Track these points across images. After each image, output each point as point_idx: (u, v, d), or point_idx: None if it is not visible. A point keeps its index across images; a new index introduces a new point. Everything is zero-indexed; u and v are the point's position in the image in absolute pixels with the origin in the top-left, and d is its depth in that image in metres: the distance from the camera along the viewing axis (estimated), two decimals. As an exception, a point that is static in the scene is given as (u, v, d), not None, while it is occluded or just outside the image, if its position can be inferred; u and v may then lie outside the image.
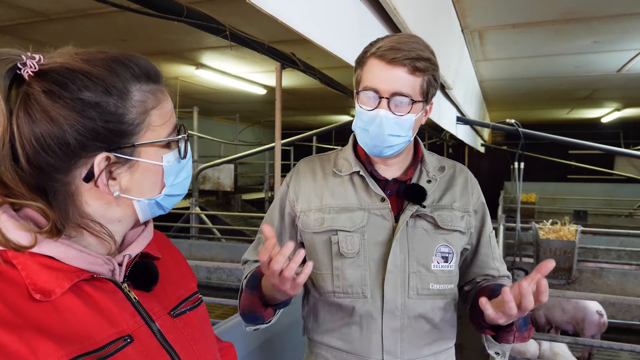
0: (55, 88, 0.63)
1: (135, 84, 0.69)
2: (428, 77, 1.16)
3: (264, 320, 1.25)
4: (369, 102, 1.17)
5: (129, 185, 0.70)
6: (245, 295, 1.24)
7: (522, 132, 5.24)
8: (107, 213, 0.71)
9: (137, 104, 0.68)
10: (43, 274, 0.63)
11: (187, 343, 0.78)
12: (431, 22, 2.84)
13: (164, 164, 0.72)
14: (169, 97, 0.74)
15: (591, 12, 3.72)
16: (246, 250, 1.43)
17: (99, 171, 0.66)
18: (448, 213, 1.26)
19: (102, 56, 0.68)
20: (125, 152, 0.68)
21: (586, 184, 12.14)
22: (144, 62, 0.71)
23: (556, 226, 5.67)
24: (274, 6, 1.24)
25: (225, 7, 3.59)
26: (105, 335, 0.65)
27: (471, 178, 1.36)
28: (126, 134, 0.68)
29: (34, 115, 0.62)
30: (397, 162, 1.29)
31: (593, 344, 2.74)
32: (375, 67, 1.15)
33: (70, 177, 0.67)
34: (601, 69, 5.91)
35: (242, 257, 1.42)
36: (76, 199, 0.68)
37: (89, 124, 0.64)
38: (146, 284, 0.76)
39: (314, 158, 1.39)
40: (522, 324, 1.17)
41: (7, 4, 3.79)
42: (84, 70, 0.65)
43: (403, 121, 1.16)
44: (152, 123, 0.70)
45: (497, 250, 1.36)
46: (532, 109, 10.47)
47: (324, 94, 7.53)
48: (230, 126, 11.34)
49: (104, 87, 0.65)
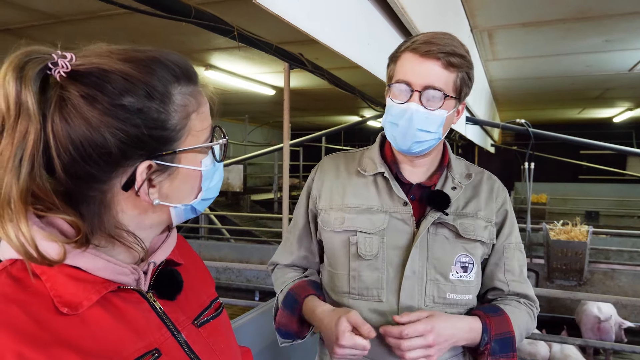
0: (94, 92, 0.58)
1: (176, 86, 0.64)
2: (462, 75, 1.14)
3: (300, 336, 1.28)
4: (401, 95, 1.14)
5: (168, 192, 0.66)
6: (283, 314, 1.26)
7: (533, 132, 5.20)
8: (142, 221, 0.67)
9: (178, 108, 0.64)
10: (70, 286, 0.60)
11: (213, 354, 0.75)
12: (440, 22, 2.82)
13: (203, 169, 0.69)
14: (206, 98, 0.70)
15: (602, 10, 3.69)
16: (256, 250, 1.43)
17: (141, 180, 0.62)
18: (471, 222, 1.22)
19: (140, 55, 0.63)
20: (167, 159, 0.64)
21: (598, 185, 12.04)
22: (183, 61, 0.67)
23: (567, 227, 5.63)
24: (280, 6, 1.24)
25: (233, 8, 3.60)
26: (133, 349, 0.63)
27: (498, 186, 1.31)
28: (168, 141, 0.64)
29: (72, 122, 0.57)
30: (424, 163, 1.25)
31: (604, 345, 2.71)
32: (409, 60, 1.13)
33: (109, 186, 0.62)
34: (613, 68, 5.85)
35: (272, 260, 1.41)
36: (112, 208, 0.64)
37: (132, 132, 0.60)
38: (171, 293, 0.73)
39: (339, 155, 1.37)
40: (497, 349, 1.15)
41: (18, 7, 3.83)
42: (122, 71, 0.60)
43: (434, 116, 1.13)
44: (193, 127, 0.66)
45: (516, 264, 1.27)
46: (542, 108, 10.39)
47: (333, 95, 7.54)
48: (240, 127, 11.37)
49: (146, 91, 0.61)
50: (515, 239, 1.29)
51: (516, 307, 1.24)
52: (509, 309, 1.22)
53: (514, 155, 10.89)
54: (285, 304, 1.25)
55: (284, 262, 1.37)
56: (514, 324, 1.18)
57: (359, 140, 14.14)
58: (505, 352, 1.16)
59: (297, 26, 1.35)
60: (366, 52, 1.93)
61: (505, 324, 1.17)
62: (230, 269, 5.87)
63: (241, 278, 5.97)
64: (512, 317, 1.19)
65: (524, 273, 1.29)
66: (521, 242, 1.32)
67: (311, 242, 1.35)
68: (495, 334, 1.15)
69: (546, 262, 5.54)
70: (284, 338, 1.29)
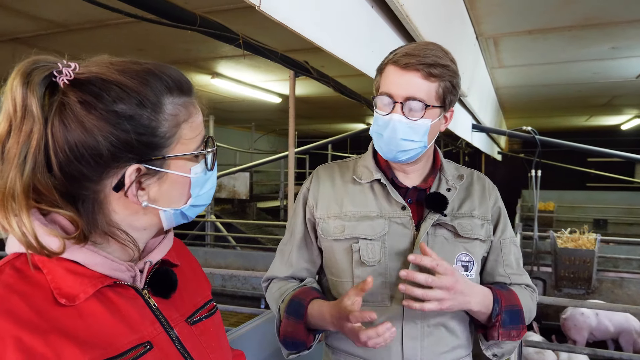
0: (91, 99, 0.64)
1: (168, 97, 0.70)
2: (445, 84, 1.17)
3: (307, 346, 1.26)
4: (384, 107, 1.18)
5: (157, 195, 0.71)
6: (288, 323, 1.23)
7: (539, 139, 5.18)
8: (133, 221, 0.72)
9: (169, 117, 0.69)
10: (68, 279, 0.64)
11: (204, 351, 0.79)
12: (445, 29, 2.82)
13: (192, 176, 0.73)
14: (199, 109, 0.75)
15: (608, 17, 3.67)
16: (262, 258, 1.43)
17: (129, 182, 0.67)
18: (468, 221, 1.26)
19: (137, 67, 0.68)
20: (156, 164, 0.69)
21: (606, 192, 11.93)
22: (176, 74, 0.72)
23: (575, 235, 5.58)
24: (285, 14, 1.25)
25: (238, 16, 3.62)
26: (126, 341, 0.66)
27: (488, 184, 1.35)
28: (157, 147, 0.69)
29: (69, 125, 0.63)
30: (416, 169, 1.28)
31: (613, 355, 2.68)
32: (391, 73, 1.18)
33: (101, 186, 0.68)
34: (620, 75, 5.82)
35: (267, 275, 1.38)
36: (105, 207, 0.69)
37: (123, 136, 0.65)
38: (165, 291, 0.77)
39: (332, 165, 1.39)
40: (508, 320, 1.18)
41: (27, 16, 3.88)
42: (118, 81, 0.65)
43: (417, 126, 1.16)
44: (182, 136, 0.71)
45: (513, 258, 1.32)
46: (549, 116, 10.36)
47: (339, 102, 7.54)
48: (246, 134, 11.42)
49: (138, 100, 0.66)
50: (510, 234, 1.34)
51: (519, 290, 1.29)
52: (515, 288, 1.28)
53: (520, 163, 10.85)
54: (289, 312, 1.24)
55: (282, 275, 1.35)
56: (521, 300, 1.24)
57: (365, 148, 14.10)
58: (515, 324, 1.19)
59: (301, 34, 1.36)
60: (371, 60, 1.94)
61: (513, 298, 1.23)
62: (236, 277, 5.86)
63: (247, 286, 5.95)
64: (519, 295, 1.25)
65: (521, 265, 1.35)
66: (514, 235, 1.37)
67: (312, 252, 1.34)
68: (506, 305, 1.19)
69: (554, 270, 5.49)
70: (290, 349, 1.28)
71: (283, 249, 1.37)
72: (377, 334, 1.03)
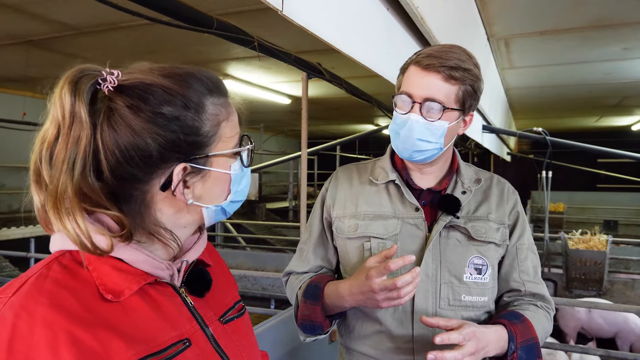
0: (138, 102, 0.66)
1: (209, 98, 0.73)
2: (466, 87, 1.17)
3: (323, 330, 1.27)
4: (403, 106, 1.19)
5: (201, 193, 0.74)
6: (305, 306, 1.25)
7: (550, 140, 5.16)
8: (177, 220, 0.74)
9: (210, 117, 0.72)
10: (113, 276, 0.67)
11: (236, 349, 0.81)
12: (457, 31, 2.83)
13: (232, 173, 0.76)
14: (234, 109, 0.79)
15: (620, 18, 3.67)
16: (271, 259, 1.45)
17: (177, 181, 0.70)
18: (483, 224, 1.25)
19: (179, 71, 0.71)
20: (200, 162, 0.72)
21: (616, 193, 11.86)
22: (215, 77, 0.75)
23: (586, 236, 5.56)
24: (305, 17, 1.27)
25: (252, 19, 3.65)
26: (167, 337, 0.69)
27: (508, 188, 1.34)
28: (201, 146, 0.71)
29: (118, 129, 0.65)
30: (432, 171, 1.29)
31: (627, 357, 2.67)
32: (412, 73, 1.19)
33: (149, 186, 0.70)
34: (631, 75, 5.80)
35: (287, 269, 1.41)
36: (151, 207, 0.71)
37: (170, 137, 0.68)
38: (200, 290, 0.80)
39: (351, 166, 1.41)
40: (524, 357, 1.13)
41: (41, 19, 3.92)
42: (162, 85, 0.68)
43: (434, 127, 1.17)
44: (223, 135, 0.74)
45: (530, 265, 1.29)
46: (559, 117, 10.31)
47: (348, 103, 7.57)
48: (255, 135, 11.44)
49: (182, 102, 0.69)
50: (528, 240, 1.31)
51: (534, 312, 1.24)
52: (529, 314, 1.22)
53: (530, 164, 10.79)
54: (307, 295, 1.25)
55: (300, 271, 1.38)
56: (536, 328, 1.19)
57: (374, 149, 14.11)
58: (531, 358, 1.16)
59: (320, 37, 1.37)
60: (386, 62, 1.95)
61: (528, 330, 1.18)
62: (246, 277, 5.87)
63: (257, 286, 5.96)
64: (533, 323, 1.20)
65: (539, 274, 1.32)
66: (534, 243, 1.34)
67: (327, 250, 1.36)
68: (521, 342, 1.15)
69: (565, 271, 5.47)
70: (307, 332, 1.29)
71: (302, 247, 1.40)
72: (412, 277, 1.03)
